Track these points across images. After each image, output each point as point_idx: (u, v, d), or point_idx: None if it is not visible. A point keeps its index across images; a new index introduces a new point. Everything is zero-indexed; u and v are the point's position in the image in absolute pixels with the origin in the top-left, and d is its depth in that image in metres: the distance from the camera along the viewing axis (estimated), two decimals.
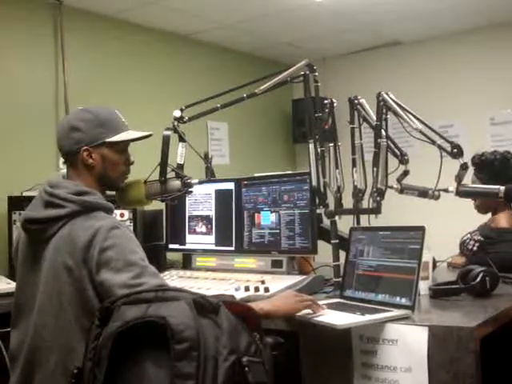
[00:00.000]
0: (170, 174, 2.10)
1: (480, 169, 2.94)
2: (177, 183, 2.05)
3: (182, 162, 2.16)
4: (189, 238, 2.67)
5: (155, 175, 2.07)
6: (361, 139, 2.30)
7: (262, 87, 2.33)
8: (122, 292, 1.56)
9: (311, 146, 2.27)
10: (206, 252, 2.60)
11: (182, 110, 2.23)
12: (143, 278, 1.65)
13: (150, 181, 2.04)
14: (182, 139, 2.18)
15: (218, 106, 2.34)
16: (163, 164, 2.09)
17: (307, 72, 2.28)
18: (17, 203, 3.18)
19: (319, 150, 2.25)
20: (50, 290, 1.71)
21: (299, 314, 1.75)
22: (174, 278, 2.47)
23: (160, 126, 2.18)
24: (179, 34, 4.94)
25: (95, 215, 1.75)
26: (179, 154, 2.18)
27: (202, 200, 2.64)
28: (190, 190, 2.09)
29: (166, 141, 2.13)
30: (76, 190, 1.77)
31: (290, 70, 2.30)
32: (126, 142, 1.91)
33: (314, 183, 2.24)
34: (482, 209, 3.03)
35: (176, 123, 2.20)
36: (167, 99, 4.45)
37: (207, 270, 2.51)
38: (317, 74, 2.29)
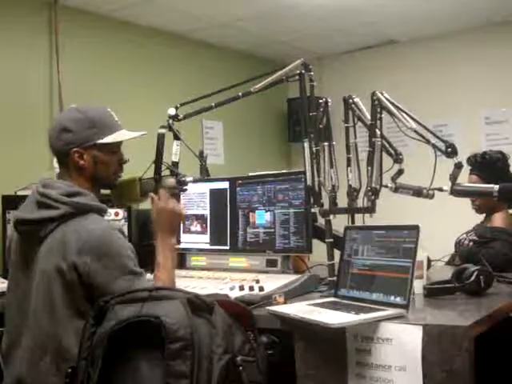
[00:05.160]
0: (166, 173, 2.10)
1: (483, 168, 2.93)
2: (171, 181, 2.06)
3: (176, 160, 2.16)
4: (183, 237, 2.66)
5: (150, 174, 2.07)
6: (355, 138, 2.30)
7: (257, 86, 2.32)
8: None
9: (306, 145, 2.27)
10: (200, 251, 2.59)
11: (176, 108, 2.23)
12: (137, 281, 1.66)
13: (144, 178, 2.04)
14: (176, 137, 2.18)
15: (213, 104, 2.34)
16: (158, 162, 2.09)
17: (303, 71, 2.28)
18: (11, 202, 3.17)
19: (314, 149, 2.25)
20: (43, 291, 1.71)
21: (294, 314, 1.75)
22: None
23: (155, 125, 2.18)
24: (174, 33, 4.93)
25: (88, 217, 1.74)
26: (174, 151, 2.17)
27: (196, 199, 2.64)
28: (185, 187, 2.09)
29: (160, 139, 2.13)
30: (68, 191, 1.76)
31: (286, 69, 2.30)
32: (118, 143, 1.91)
33: (309, 182, 2.24)
34: (481, 209, 3.03)
35: (171, 121, 2.20)
36: (162, 98, 4.44)
37: (202, 269, 2.51)
38: (312, 73, 2.29)
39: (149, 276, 1.88)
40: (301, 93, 2.28)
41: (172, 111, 2.20)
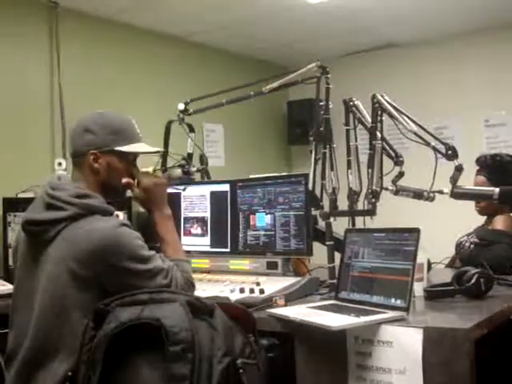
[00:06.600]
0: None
1: (492, 170, 2.92)
2: (177, 171, 2.19)
3: (191, 152, 2.29)
4: (184, 239, 2.66)
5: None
6: (356, 141, 2.30)
7: (268, 86, 2.33)
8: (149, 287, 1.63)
9: (318, 147, 2.26)
10: (201, 253, 2.59)
11: (186, 104, 2.39)
12: (164, 275, 1.76)
13: (157, 169, 2.17)
14: (191, 130, 2.38)
15: (224, 101, 2.39)
16: (164, 154, 2.25)
17: (320, 74, 2.26)
18: (12, 205, 3.16)
19: (322, 151, 2.24)
20: (51, 293, 1.70)
21: (294, 316, 1.74)
22: None
23: (155, 127, 2.20)
24: (175, 36, 4.93)
25: (96, 218, 1.75)
26: (189, 144, 2.37)
27: (197, 201, 2.64)
28: (192, 177, 2.24)
29: (167, 133, 2.33)
30: (77, 193, 1.77)
31: (301, 71, 2.29)
32: (135, 154, 1.92)
33: (318, 185, 2.25)
34: (484, 211, 3.02)
35: (181, 115, 2.37)
36: (162, 101, 4.45)
37: (202, 271, 2.50)
38: (329, 75, 2.26)
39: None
40: (317, 96, 2.26)
41: (181, 106, 2.32)
